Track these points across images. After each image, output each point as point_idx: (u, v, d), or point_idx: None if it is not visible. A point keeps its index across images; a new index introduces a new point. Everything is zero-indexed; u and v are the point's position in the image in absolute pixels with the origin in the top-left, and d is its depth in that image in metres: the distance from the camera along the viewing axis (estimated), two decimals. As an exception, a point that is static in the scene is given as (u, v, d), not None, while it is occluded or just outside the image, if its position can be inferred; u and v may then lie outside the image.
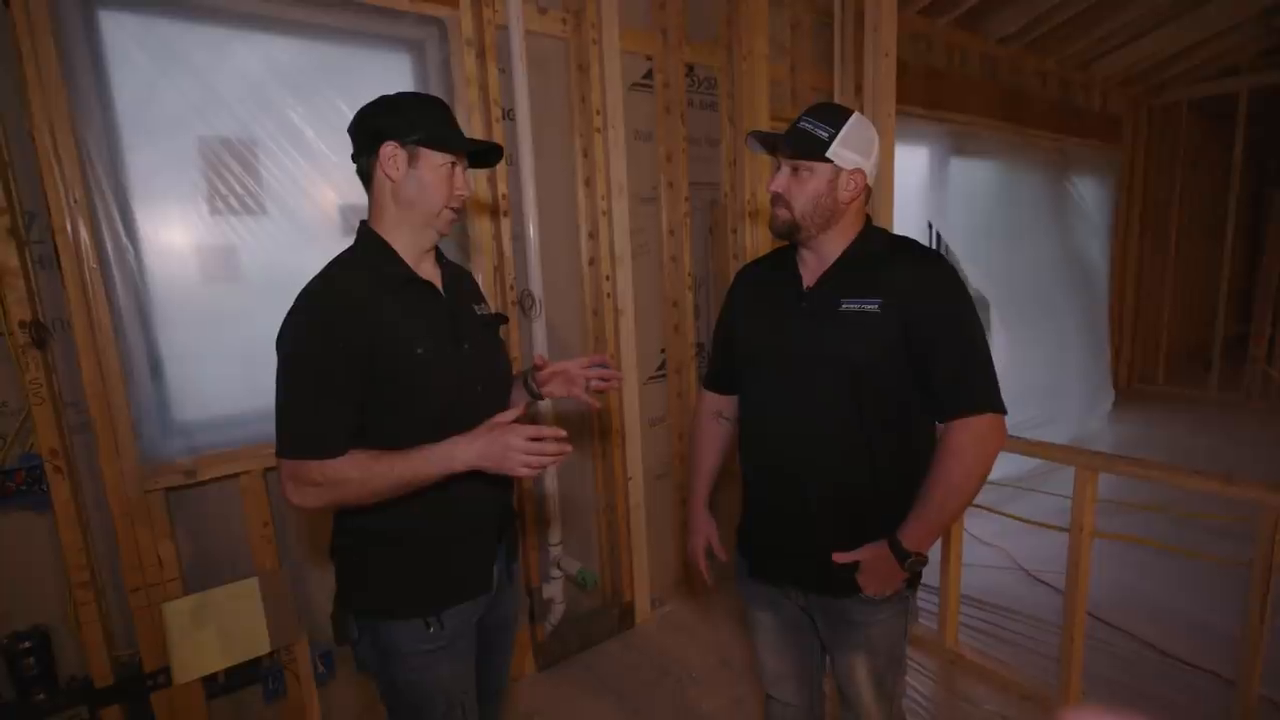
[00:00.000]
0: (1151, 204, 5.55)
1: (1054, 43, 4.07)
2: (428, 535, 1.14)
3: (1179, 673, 2.20)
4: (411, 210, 1.11)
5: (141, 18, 1.60)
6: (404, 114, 1.09)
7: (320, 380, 1.02)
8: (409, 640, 1.12)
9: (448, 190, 1.12)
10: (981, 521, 3.02)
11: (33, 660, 1.57)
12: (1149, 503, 3.02)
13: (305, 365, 1.03)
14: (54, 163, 1.47)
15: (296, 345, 1.04)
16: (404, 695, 1.16)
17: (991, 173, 4.03)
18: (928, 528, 1.17)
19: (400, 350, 1.06)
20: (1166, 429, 4.79)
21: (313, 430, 1.02)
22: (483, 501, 1.21)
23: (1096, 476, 1.89)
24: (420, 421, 1.07)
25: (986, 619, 2.58)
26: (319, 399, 1.02)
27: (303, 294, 1.07)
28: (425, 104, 1.13)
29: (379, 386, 1.05)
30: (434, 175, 1.10)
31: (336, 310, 1.04)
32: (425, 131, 1.08)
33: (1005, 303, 4.04)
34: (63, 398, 1.58)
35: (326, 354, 1.02)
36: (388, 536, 1.13)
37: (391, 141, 1.07)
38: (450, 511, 1.15)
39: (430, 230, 1.14)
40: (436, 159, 1.10)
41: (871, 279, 1.20)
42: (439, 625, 1.13)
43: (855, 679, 1.32)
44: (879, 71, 2.28)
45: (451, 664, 1.16)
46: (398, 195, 1.10)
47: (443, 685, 1.16)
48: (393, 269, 1.11)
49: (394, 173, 1.09)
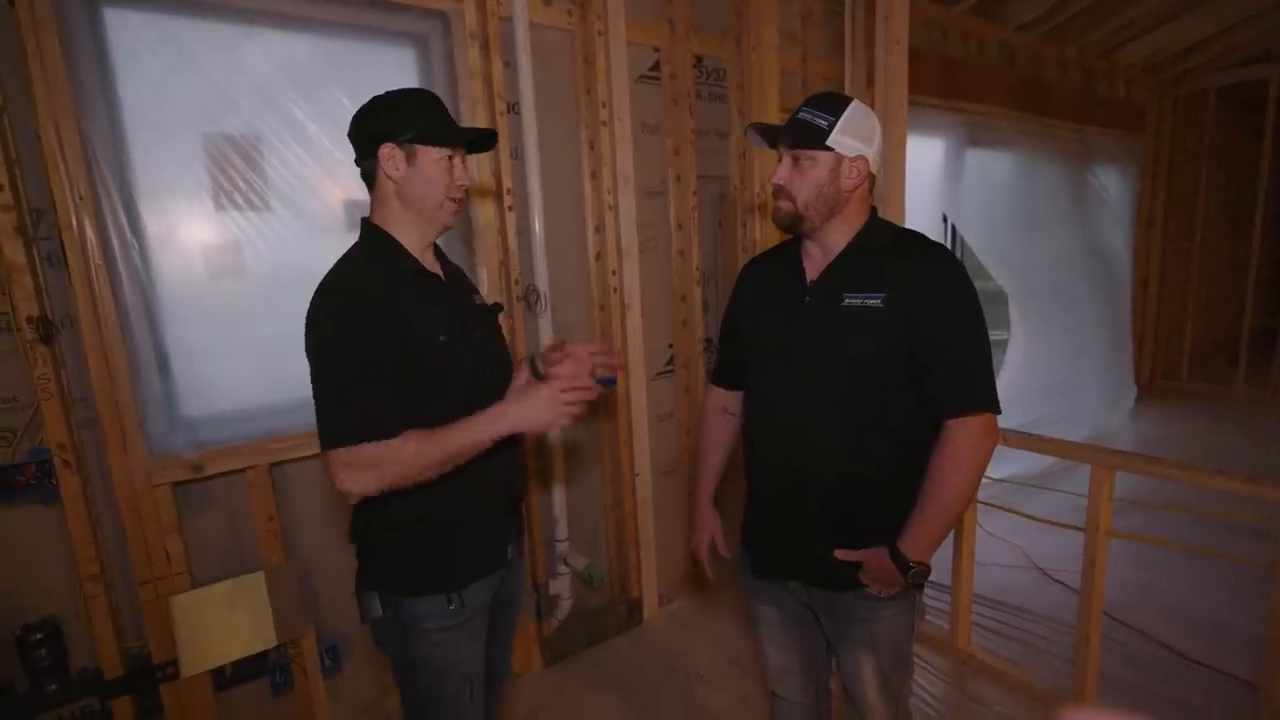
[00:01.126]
0: (1176, 194, 5.41)
1: (1074, 30, 3.97)
2: (445, 516, 1.17)
3: (1196, 675, 2.15)
4: (416, 206, 1.13)
5: (146, 14, 1.61)
6: (397, 113, 1.11)
7: (367, 363, 1.03)
8: (431, 616, 1.16)
9: (448, 182, 1.14)
10: (996, 519, 2.97)
11: (45, 651, 1.59)
12: (1170, 501, 2.95)
13: (348, 351, 1.03)
14: (59, 160, 1.48)
15: (334, 333, 1.04)
16: (420, 672, 1.19)
17: (1009, 164, 3.94)
18: (929, 535, 1.15)
19: (424, 339, 1.09)
20: (1190, 426, 4.67)
21: (369, 413, 1.02)
22: (494, 481, 1.24)
23: (1113, 475, 1.84)
24: (441, 406, 1.10)
25: (1000, 618, 2.53)
26: (369, 382, 1.03)
27: (324, 289, 1.09)
28: (417, 100, 1.14)
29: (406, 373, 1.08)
30: (434, 170, 1.12)
31: (362, 300, 1.06)
32: (420, 128, 1.10)
33: (1023, 296, 3.96)
34: (71, 393, 1.60)
35: (366, 339, 1.04)
36: (408, 519, 1.15)
37: (389, 143, 1.09)
38: (466, 493, 1.18)
39: (435, 223, 1.17)
40: (434, 154, 1.11)
41: (875, 273, 1.17)
42: (460, 602, 1.17)
43: (860, 677, 1.30)
44: (890, 60, 2.23)
45: (469, 640, 1.21)
46: (401, 193, 1.13)
47: (459, 662, 1.20)
48: (403, 263, 1.14)
49: (395, 173, 1.11)
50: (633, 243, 2.40)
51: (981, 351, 1.15)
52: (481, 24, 2.02)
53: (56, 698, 1.61)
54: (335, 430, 1.03)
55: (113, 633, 1.64)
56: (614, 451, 2.52)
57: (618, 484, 2.54)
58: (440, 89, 2.03)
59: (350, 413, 1.03)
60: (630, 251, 2.40)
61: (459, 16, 1.98)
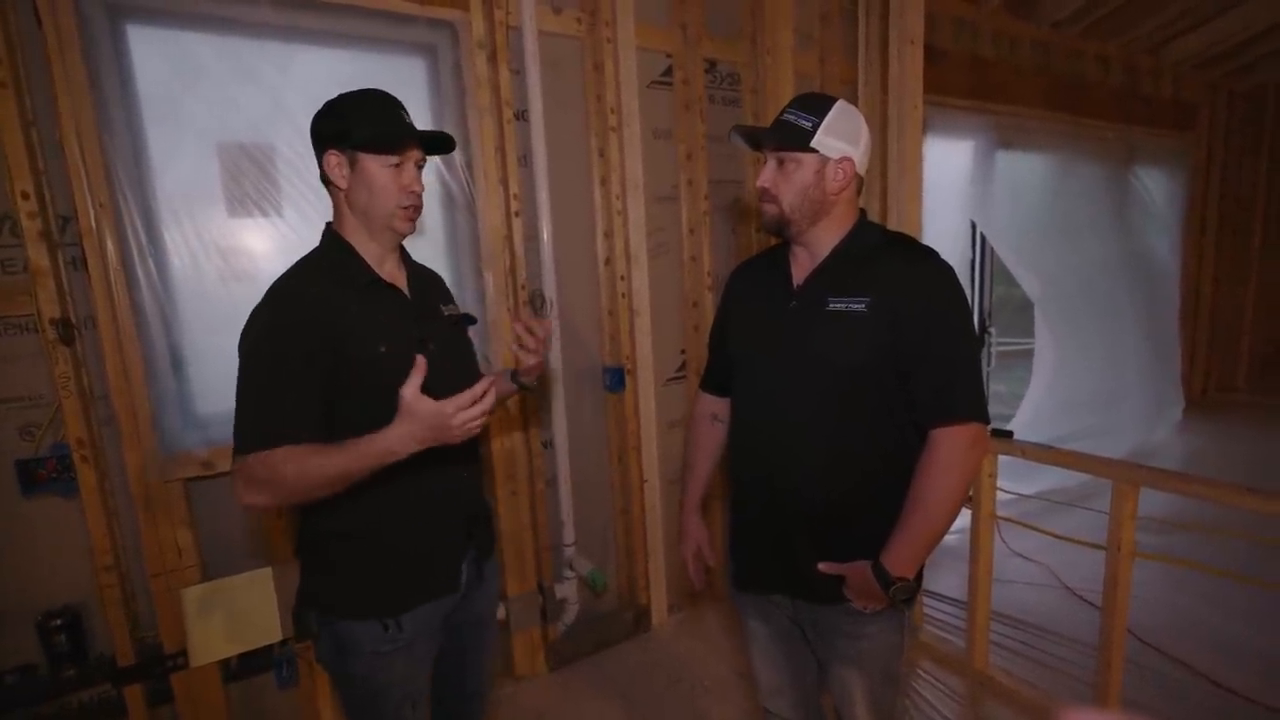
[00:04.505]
0: (1232, 196, 5.12)
1: (1117, 25, 3.80)
2: (391, 535, 1.13)
3: (1234, 706, 2.01)
4: (366, 214, 1.09)
5: (165, 30, 1.68)
6: (341, 117, 1.06)
7: (273, 376, 1.00)
8: (367, 640, 1.11)
9: (397, 191, 1.08)
10: (1023, 537, 2.85)
11: (63, 637, 1.67)
12: (1218, 524, 2.78)
13: (260, 363, 1.02)
14: (81, 170, 1.56)
15: (253, 343, 1.03)
16: (357, 690, 1.16)
17: (1043, 166, 3.79)
18: (912, 550, 1.10)
19: (363, 349, 1.05)
20: (1244, 442, 4.39)
21: (260, 425, 0.99)
22: (447, 500, 1.19)
23: (1136, 491, 1.74)
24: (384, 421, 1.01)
25: (1022, 639, 2.43)
26: (268, 394, 1.00)
27: (270, 290, 1.08)
28: (364, 103, 1.08)
29: (343, 386, 1.04)
30: (379, 178, 1.07)
31: (298, 309, 1.04)
32: (361, 135, 1.05)
33: (1053, 304, 3.79)
34: (92, 391, 1.68)
35: (283, 351, 1.01)
36: (350, 535, 1.12)
37: (333, 150, 1.06)
38: (414, 512, 1.13)
39: (388, 231, 1.12)
40: (379, 161, 1.06)
41: (861, 276, 1.14)
42: (397, 628, 1.12)
43: (849, 696, 1.27)
44: (905, 60, 2.17)
45: (407, 664, 1.16)
46: (350, 201, 1.09)
47: (396, 683, 1.15)
48: (354, 271, 1.11)
49: (340, 180, 1.08)
50: (642, 248, 2.40)
51: (968, 358, 1.11)
52: (489, 33, 2.05)
53: (73, 682, 1.69)
54: (237, 437, 1.00)
55: (126, 622, 1.71)
56: (623, 457, 2.51)
57: (626, 490, 2.53)
58: (449, 98, 2.06)
59: (252, 422, 0.99)
60: (639, 257, 2.40)
61: (466, 26, 2.01)
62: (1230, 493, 1.58)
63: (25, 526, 1.64)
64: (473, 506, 1.27)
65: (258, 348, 1.02)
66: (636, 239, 2.38)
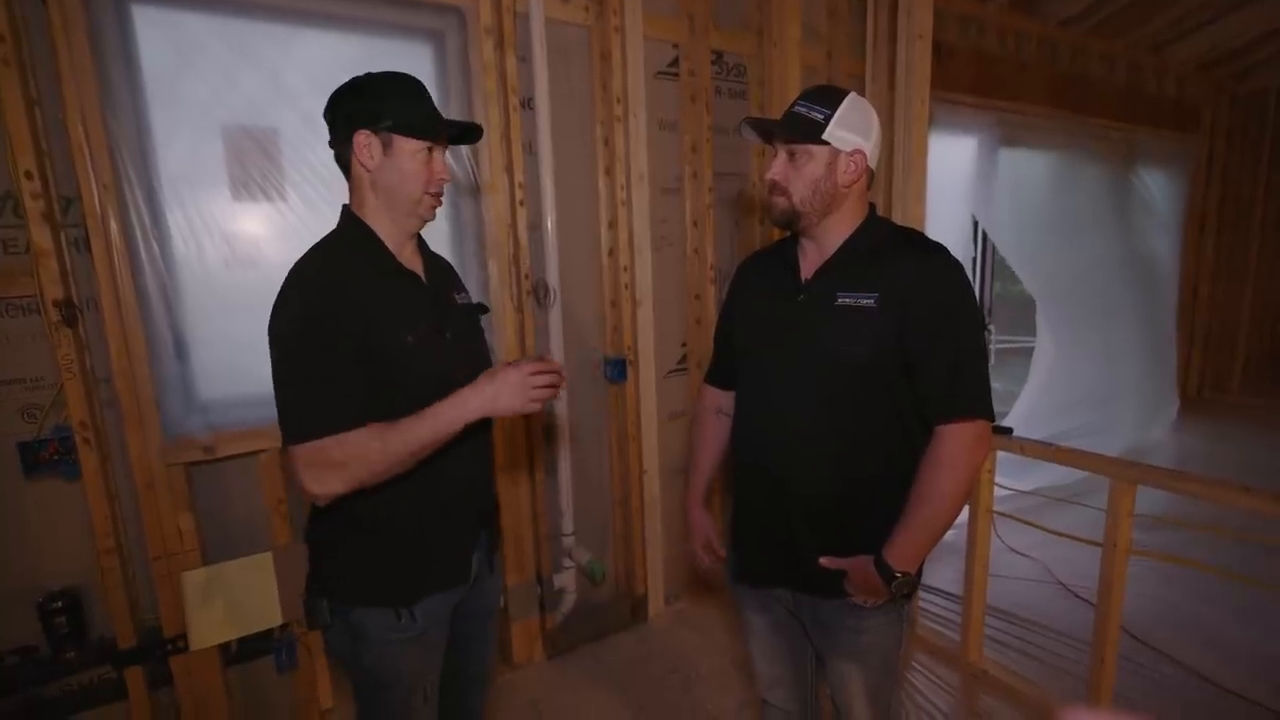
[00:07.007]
0: (1232, 198, 5.14)
1: (1124, 24, 3.80)
2: (405, 523, 1.12)
3: (1227, 704, 2.04)
4: (391, 199, 1.08)
5: (170, 11, 1.67)
6: (376, 98, 1.05)
7: (326, 355, 0.98)
8: (380, 628, 1.11)
9: (426, 176, 1.08)
10: (1019, 533, 2.87)
11: (64, 620, 1.67)
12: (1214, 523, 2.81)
13: (308, 343, 0.99)
14: (85, 151, 1.54)
15: (295, 324, 1.00)
16: (370, 678, 1.15)
17: (1046, 164, 3.79)
18: (914, 545, 1.11)
19: (389, 338, 1.05)
20: (1238, 442, 4.43)
21: (327, 406, 0.97)
22: (463, 491, 1.19)
23: (1133, 489, 1.76)
24: (405, 408, 1.02)
25: (1017, 633, 2.45)
26: (328, 374, 0.98)
27: (292, 277, 1.05)
28: (398, 86, 1.08)
29: (368, 372, 1.03)
30: (411, 163, 1.06)
31: (328, 292, 1.01)
32: (399, 117, 1.04)
33: (1053, 302, 3.81)
34: (95, 374, 1.67)
35: (326, 331, 0.99)
36: (364, 524, 1.10)
37: (364, 130, 1.04)
38: (429, 499, 1.13)
39: (413, 218, 1.12)
40: (412, 145, 1.06)
41: (870, 271, 1.14)
42: (410, 617, 1.12)
43: (848, 689, 1.27)
44: (913, 55, 2.17)
45: (421, 652, 1.16)
46: (376, 184, 1.08)
47: (409, 671, 1.15)
48: (377, 257, 1.09)
49: (369, 162, 1.06)
50: (645, 239, 2.40)
51: (975, 353, 1.11)
52: (496, 20, 2.03)
53: (74, 664, 1.69)
54: (299, 425, 0.97)
55: (127, 604, 1.71)
56: (622, 448, 2.52)
57: (625, 481, 2.54)
58: (455, 84, 2.05)
59: (315, 406, 0.96)
60: (643, 247, 2.39)
61: (474, 12, 2.00)
62: (1228, 492, 1.60)
63: (27, 509, 1.64)
64: (486, 498, 1.28)
65: (300, 335, 1.00)
66: (641, 230, 2.38)
